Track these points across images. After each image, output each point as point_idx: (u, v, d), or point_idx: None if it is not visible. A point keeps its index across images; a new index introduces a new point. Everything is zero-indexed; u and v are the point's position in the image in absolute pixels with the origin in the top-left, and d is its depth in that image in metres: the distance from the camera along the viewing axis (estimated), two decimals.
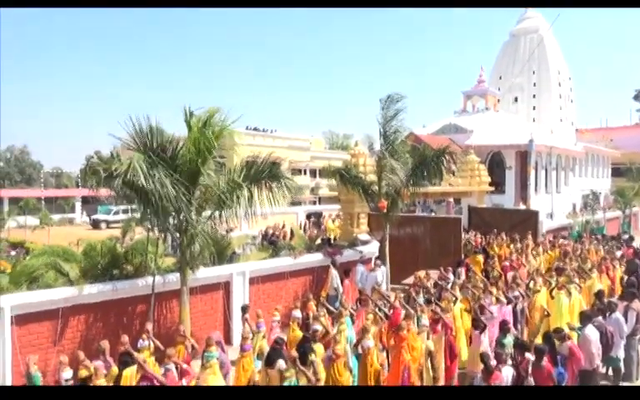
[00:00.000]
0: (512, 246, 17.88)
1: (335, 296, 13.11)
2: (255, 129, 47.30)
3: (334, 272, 13.64)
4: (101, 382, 6.72)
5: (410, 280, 13.67)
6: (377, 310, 10.06)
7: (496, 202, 29.35)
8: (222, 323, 12.05)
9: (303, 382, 6.91)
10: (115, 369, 7.53)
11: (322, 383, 7.15)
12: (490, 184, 25.82)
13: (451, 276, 13.23)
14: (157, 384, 6.85)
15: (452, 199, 27.56)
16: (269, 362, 7.69)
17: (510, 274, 13.74)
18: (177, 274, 10.70)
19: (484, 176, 25.17)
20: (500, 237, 18.97)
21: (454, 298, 10.72)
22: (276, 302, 12.47)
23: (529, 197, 31.33)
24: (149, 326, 9.28)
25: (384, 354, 9.27)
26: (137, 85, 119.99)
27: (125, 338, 8.25)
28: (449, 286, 11.78)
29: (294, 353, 7.33)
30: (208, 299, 11.93)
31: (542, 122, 41.33)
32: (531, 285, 11.97)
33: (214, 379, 6.98)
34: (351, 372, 8.07)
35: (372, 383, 7.70)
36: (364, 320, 9.41)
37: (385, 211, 14.54)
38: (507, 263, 15.21)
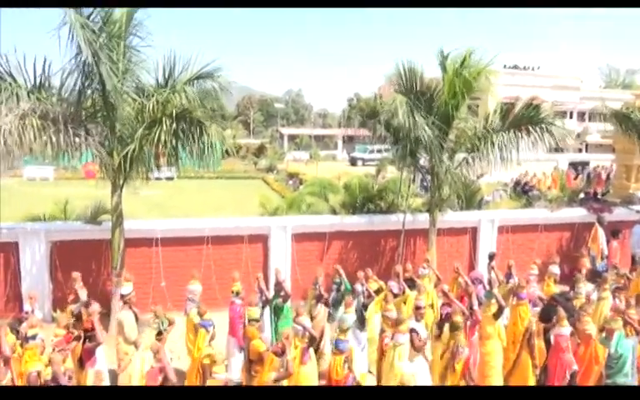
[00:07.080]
0: None
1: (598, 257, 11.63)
2: (515, 67, 43.68)
3: (600, 232, 12.02)
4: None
5: None
6: None
7: None
8: (467, 268, 12.08)
9: None
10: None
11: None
12: None
13: None
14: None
15: None
16: (546, 318, 7.39)
17: None
18: (426, 214, 11.14)
19: None
20: None
21: None
22: (525, 255, 11.84)
23: None
24: (429, 256, 9.87)
25: None
26: (397, 31, 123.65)
27: (409, 266, 9.07)
28: None
29: None
30: (454, 242, 12.11)
31: None
32: None
33: (489, 319, 7.04)
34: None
35: None
36: None
37: None
38: None
